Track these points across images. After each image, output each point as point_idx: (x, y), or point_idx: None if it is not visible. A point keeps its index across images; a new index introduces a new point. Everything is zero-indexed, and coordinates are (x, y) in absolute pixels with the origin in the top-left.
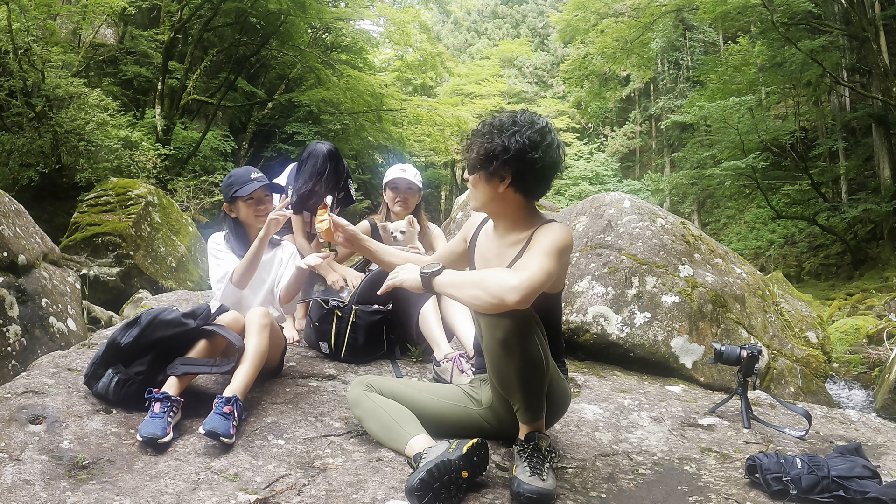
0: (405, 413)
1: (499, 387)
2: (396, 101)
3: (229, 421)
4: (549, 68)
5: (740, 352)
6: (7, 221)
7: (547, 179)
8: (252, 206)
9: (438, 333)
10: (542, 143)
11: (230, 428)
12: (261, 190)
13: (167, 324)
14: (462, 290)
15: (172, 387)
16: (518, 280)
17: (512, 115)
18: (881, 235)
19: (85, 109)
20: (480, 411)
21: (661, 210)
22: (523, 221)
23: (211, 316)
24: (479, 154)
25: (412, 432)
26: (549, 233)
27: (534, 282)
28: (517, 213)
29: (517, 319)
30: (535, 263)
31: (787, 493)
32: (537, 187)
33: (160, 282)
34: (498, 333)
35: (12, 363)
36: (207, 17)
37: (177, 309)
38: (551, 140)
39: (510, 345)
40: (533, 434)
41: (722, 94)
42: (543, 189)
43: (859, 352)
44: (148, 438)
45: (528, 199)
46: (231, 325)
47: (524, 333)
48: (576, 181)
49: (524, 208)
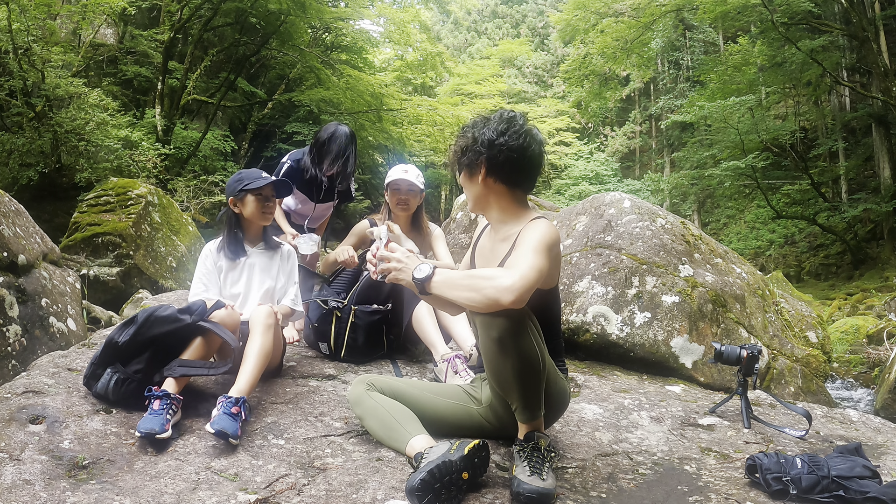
0: (406, 412)
1: (496, 386)
2: (396, 101)
3: (237, 422)
4: (549, 68)
5: (740, 352)
6: (7, 221)
7: (523, 166)
8: (260, 201)
9: (434, 334)
10: (509, 130)
11: (238, 429)
12: (269, 188)
13: (163, 320)
14: (457, 291)
15: (171, 385)
16: (511, 280)
17: (487, 115)
18: (881, 235)
19: (85, 109)
20: (480, 410)
21: (661, 210)
22: (513, 215)
23: (206, 312)
24: (456, 151)
25: (413, 432)
26: (535, 230)
27: (527, 280)
28: (505, 204)
29: (512, 318)
30: (525, 262)
31: (787, 492)
32: (515, 175)
33: (160, 282)
34: (493, 332)
35: (12, 363)
36: (207, 17)
37: (172, 306)
38: (519, 128)
39: (505, 343)
40: (532, 434)
41: (722, 93)
42: (523, 178)
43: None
44: (146, 433)
45: (511, 188)
46: (225, 321)
47: (519, 331)
48: (576, 181)
49: (511, 200)
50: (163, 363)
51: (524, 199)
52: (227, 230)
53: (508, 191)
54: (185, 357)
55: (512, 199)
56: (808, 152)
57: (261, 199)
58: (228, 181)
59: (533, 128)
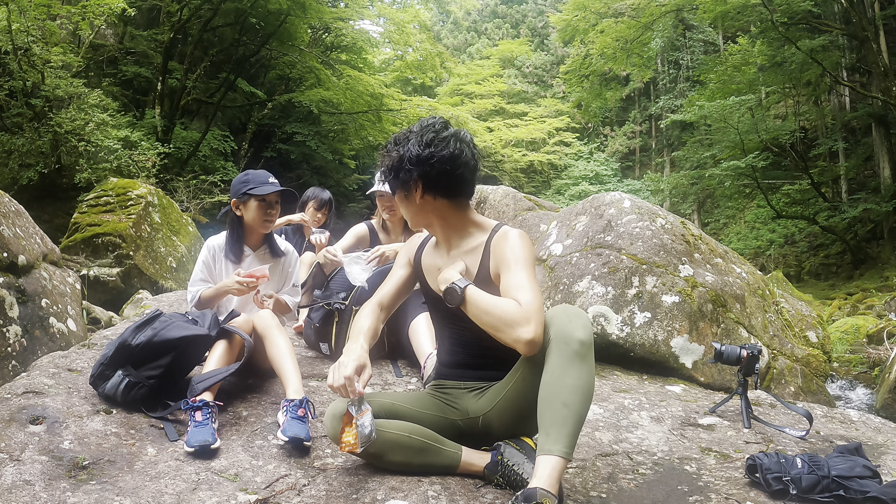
0: (424, 429)
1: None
2: (396, 101)
3: (306, 423)
4: (549, 68)
5: (740, 351)
6: (7, 222)
7: (457, 175)
8: (262, 208)
9: (426, 347)
10: (435, 140)
11: (308, 431)
12: (274, 195)
13: (182, 329)
14: (484, 319)
15: (206, 394)
16: (532, 333)
17: (409, 127)
18: (881, 235)
19: (85, 110)
20: (463, 421)
21: (660, 210)
22: (466, 227)
23: (220, 322)
24: (385, 172)
25: (453, 447)
26: (517, 245)
27: (539, 312)
28: (450, 218)
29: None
30: (530, 292)
31: (787, 492)
32: (452, 186)
33: (160, 282)
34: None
35: (12, 363)
36: (207, 18)
37: (189, 316)
38: (446, 135)
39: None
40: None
41: (722, 93)
42: (462, 186)
43: (859, 351)
44: (200, 447)
45: (452, 201)
46: (243, 328)
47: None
48: (576, 181)
49: (455, 211)
50: (180, 373)
51: (468, 204)
52: (229, 231)
53: (450, 203)
54: (211, 361)
55: (456, 210)
56: (808, 152)
57: (264, 206)
58: (234, 180)
59: (459, 130)
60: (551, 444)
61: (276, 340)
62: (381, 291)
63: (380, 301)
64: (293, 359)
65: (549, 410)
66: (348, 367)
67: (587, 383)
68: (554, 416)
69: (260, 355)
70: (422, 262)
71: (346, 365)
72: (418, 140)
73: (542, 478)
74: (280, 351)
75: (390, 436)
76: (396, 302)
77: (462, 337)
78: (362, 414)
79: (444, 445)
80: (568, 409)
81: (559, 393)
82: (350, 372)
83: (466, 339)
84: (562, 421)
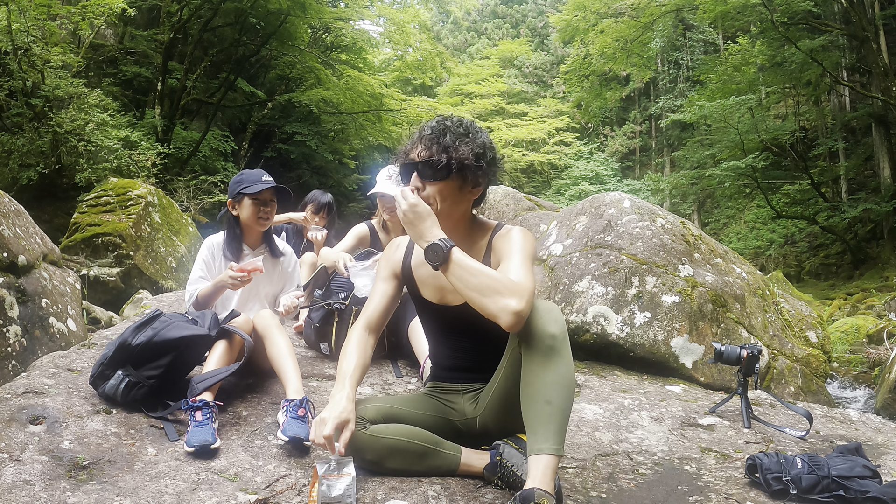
0: (422, 431)
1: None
2: (396, 102)
3: (306, 423)
4: (549, 68)
5: (740, 351)
6: (7, 222)
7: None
8: (257, 206)
9: (427, 349)
10: (492, 144)
11: (308, 431)
12: (268, 192)
13: (182, 329)
14: (470, 281)
15: (206, 394)
16: (521, 305)
17: (457, 120)
18: (881, 235)
19: (85, 110)
20: (462, 422)
21: (660, 210)
22: (471, 227)
23: (220, 322)
24: (465, 156)
25: (452, 448)
26: (518, 239)
27: (531, 293)
28: (467, 218)
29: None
30: (525, 276)
31: (787, 492)
32: (490, 183)
33: (160, 282)
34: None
35: (12, 363)
36: (207, 18)
37: (189, 316)
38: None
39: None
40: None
41: (722, 93)
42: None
43: (859, 351)
44: (200, 447)
45: (479, 198)
46: (243, 328)
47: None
48: (576, 181)
49: (471, 212)
50: (180, 373)
51: None
52: (227, 231)
53: (475, 201)
54: (211, 361)
55: (471, 208)
56: (808, 152)
57: (258, 204)
58: (231, 181)
59: None
60: (540, 443)
61: (276, 340)
62: (366, 311)
63: (367, 323)
64: (293, 359)
65: (532, 410)
66: (328, 425)
67: (566, 377)
68: (539, 415)
69: (260, 355)
70: (412, 270)
71: (327, 423)
72: (484, 139)
73: (536, 478)
74: (280, 351)
75: (389, 441)
76: (385, 319)
77: (460, 343)
78: (338, 477)
79: (443, 448)
80: (551, 406)
81: (541, 390)
82: (329, 431)
83: (466, 346)
84: (547, 418)
